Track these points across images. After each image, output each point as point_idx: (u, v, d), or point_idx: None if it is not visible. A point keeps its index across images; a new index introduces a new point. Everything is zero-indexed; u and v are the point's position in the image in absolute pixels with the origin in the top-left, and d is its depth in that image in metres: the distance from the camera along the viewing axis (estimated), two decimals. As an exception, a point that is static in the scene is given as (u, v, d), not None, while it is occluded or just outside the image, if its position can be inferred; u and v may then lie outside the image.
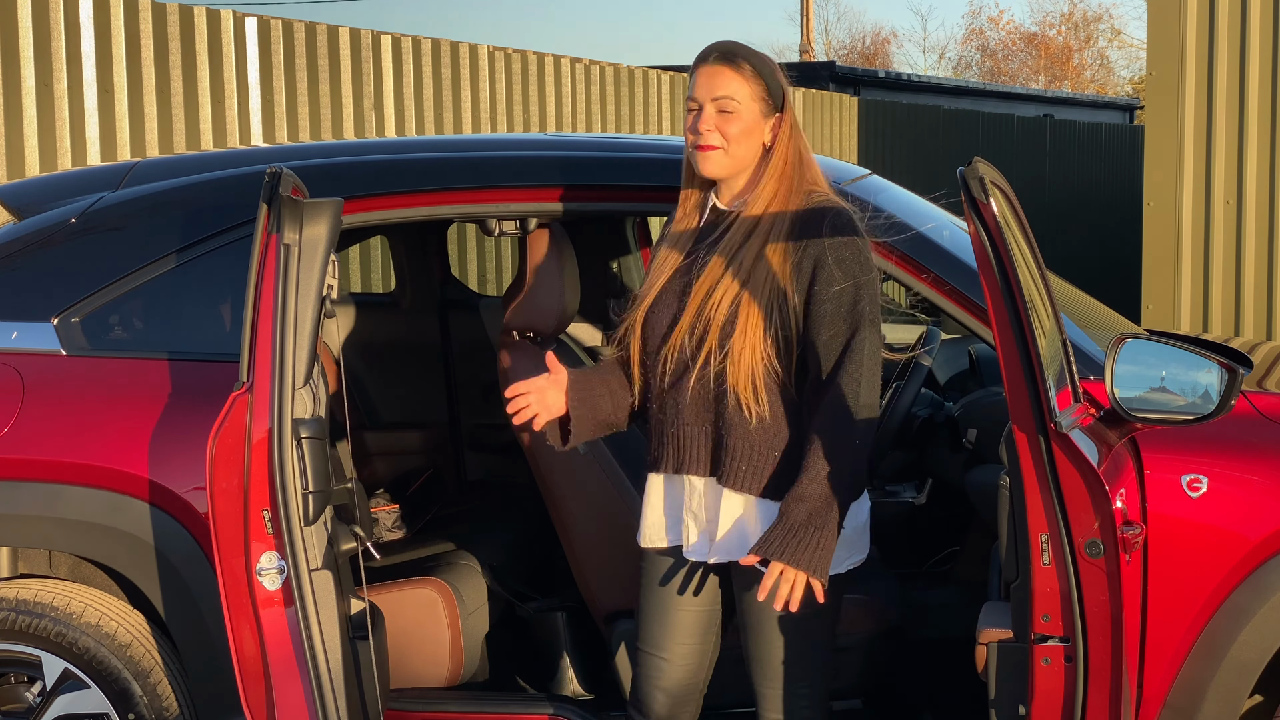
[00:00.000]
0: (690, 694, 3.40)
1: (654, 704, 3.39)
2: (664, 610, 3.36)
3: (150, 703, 3.76)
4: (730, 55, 3.23)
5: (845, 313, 3.15)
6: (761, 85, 3.24)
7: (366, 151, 4.21)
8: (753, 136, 3.23)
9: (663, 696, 3.38)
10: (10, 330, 3.84)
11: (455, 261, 8.11)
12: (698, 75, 3.24)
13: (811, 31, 35.49)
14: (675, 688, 3.38)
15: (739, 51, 3.25)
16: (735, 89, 3.21)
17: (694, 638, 3.37)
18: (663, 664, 3.37)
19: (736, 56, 3.23)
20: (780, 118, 3.27)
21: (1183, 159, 7.95)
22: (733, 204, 3.28)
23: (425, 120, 8.51)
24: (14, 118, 6.25)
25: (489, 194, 3.92)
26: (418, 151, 4.15)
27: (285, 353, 3.35)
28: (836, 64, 18.09)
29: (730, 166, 3.23)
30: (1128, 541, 3.24)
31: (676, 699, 3.39)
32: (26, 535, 3.78)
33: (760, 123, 3.24)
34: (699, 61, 3.26)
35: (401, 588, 4.04)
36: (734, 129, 3.21)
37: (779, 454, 3.18)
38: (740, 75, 3.22)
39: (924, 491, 4.85)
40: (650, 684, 3.39)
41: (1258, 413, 3.56)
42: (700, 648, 3.38)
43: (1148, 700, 3.48)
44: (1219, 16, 7.88)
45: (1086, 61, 51.73)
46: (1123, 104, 25.47)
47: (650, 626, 3.37)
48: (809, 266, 3.15)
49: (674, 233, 3.34)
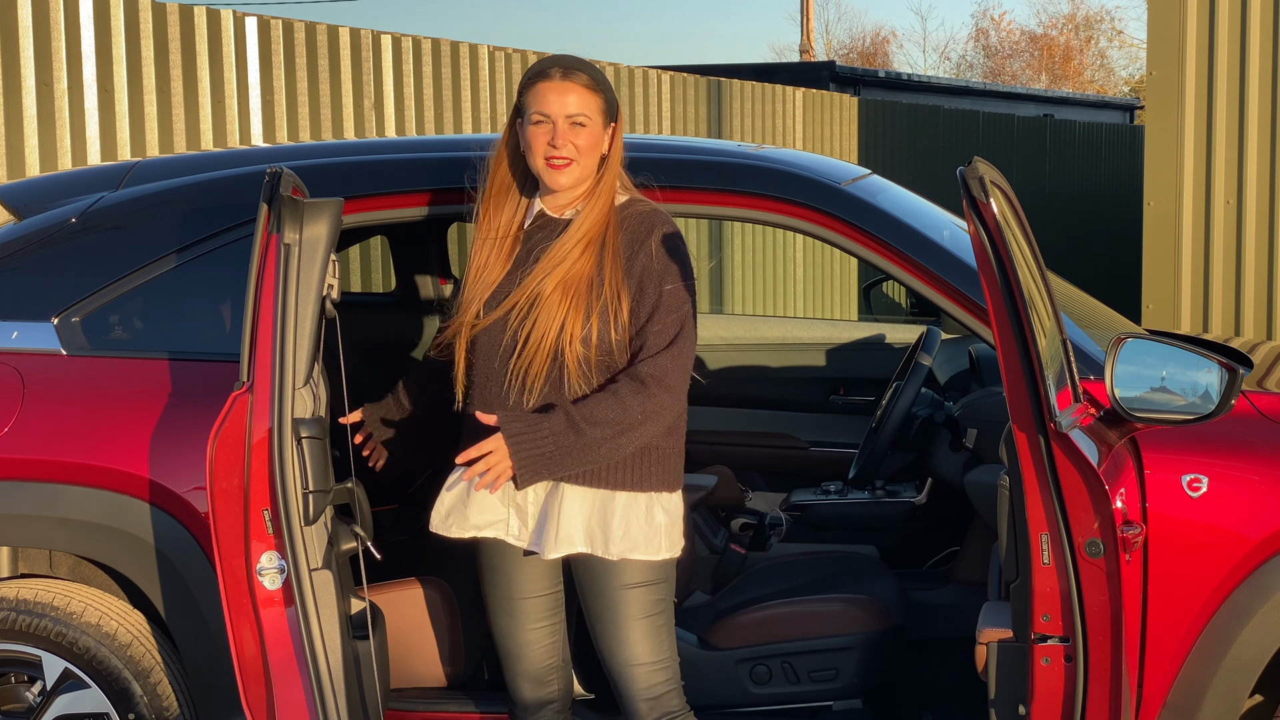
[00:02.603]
0: (550, 675, 3.55)
1: (520, 690, 3.55)
2: (508, 600, 3.49)
3: (150, 702, 3.76)
4: (573, 70, 3.36)
5: (675, 309, 3.29)
6: (602, 97, 3.38)
7: (366, 151, 4.21)
8: (597, 149, 3.38)
9: (525, 682, 3.53)
10: (10, 330, 3.84)
11: (455, 261, 8.10)
12: (543, 90, 3.35)
13: (812, 31, 35.47)
14: (535, 671, 3.53)
15: (580, 65, 3.38)
16: (586, 104, 3.34)
17: (540, 622, 3.51)
18: (517, 651, 3.51)
19: (579, 71, 3.37)
20: (615, 127, 3.41)
21: (1183, 159, 7.94)
22: (564, 211, 3.40)
23: (425, 120, 8.51)
24: (14, 117, 6.25)
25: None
26: (418, 151, 4.15)
27: (285, 352, 3.35)
28: (837, 64, 18.09)
29: (578, 179, 3.36)
30: (1128, 541, 3.24)
31: (539, 682, 3.54)
32: (27, 535, 3.78)
33: (603, 134, 3.38)
34: (538, 77, 3.37)
35: (401, 588, 4.04)
36: (584, 142, 3.34)
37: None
38: (587, 90, 3.36)
39: (924, 491, 4.85)
40: (510, 671, 3.54)
41: (1258, 412, 3.56)
42: (549, 629, 3.52)
43: (1148, 700, 3.48)
44: (1219, 16, 7.87)
45: (1087, 62, 51.73)
46: (1123, 104, 25.46)
47: (498, 617, 3.51)
48: (639, 269, 3.30)
49: (495, 237, 3.43)
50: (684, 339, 3.30)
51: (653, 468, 3.35)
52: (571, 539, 3.34)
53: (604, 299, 3.29)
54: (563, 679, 3.58)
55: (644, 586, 3.38)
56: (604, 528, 3.34)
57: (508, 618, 3.50)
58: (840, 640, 4.06)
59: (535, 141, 3.34)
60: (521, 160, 3.42)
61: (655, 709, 3.44)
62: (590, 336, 3.28)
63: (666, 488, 3.38)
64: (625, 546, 3.33)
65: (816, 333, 6.15)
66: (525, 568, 3.47)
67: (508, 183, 3.45)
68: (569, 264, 3.31)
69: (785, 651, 4.05)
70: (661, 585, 3.42)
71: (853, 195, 3.87)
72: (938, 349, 4.85)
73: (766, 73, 16.31)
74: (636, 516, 3.34)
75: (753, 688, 4.05)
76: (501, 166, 3.45)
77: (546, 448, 3.22)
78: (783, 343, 5.99)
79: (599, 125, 3.37)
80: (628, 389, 3.25)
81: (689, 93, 11.23)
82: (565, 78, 3.35)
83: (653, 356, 3.26)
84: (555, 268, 3.31)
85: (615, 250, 3.33)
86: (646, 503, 3.35)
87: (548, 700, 3.56)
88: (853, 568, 4.46)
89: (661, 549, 3.37)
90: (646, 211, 3.39)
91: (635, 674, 3.42)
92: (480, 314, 3.39)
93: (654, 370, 3.25)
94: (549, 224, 3.42)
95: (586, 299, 3.30)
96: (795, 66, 20.11)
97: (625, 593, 3.38)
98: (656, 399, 3.25)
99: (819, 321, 6.55)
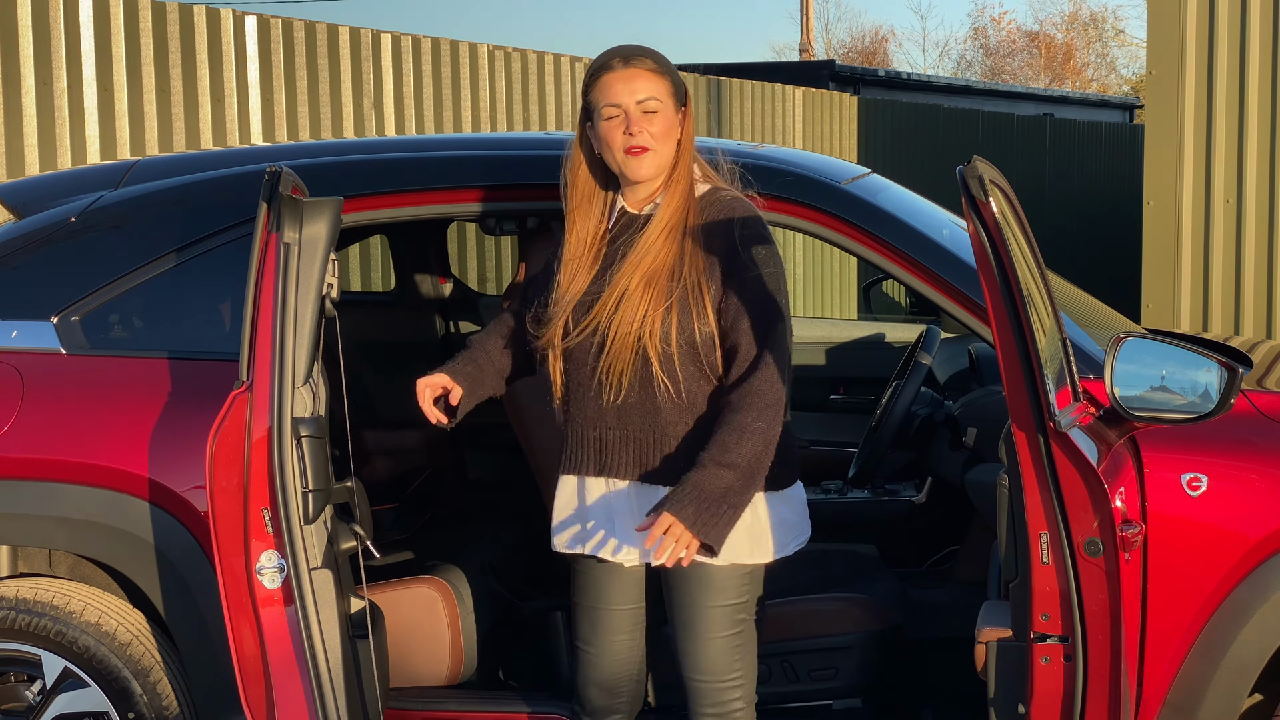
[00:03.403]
0: (622, 684, 3.49)
1: (588, 695, 3.49)
2: (593, 608, 3.44)
3: (150, 701, 3.76)
4: (635, 56, 3.28)
5: (768, 302, 3.21)
6: (670, 80, 3.30)
7: (366, 150, 4.21)
8: (673, 134, 3.29)
9: (595, 690, 3.48)
10: (10, 329, 3.84)
11: (455, 260, 8.10)
12: (609, 82, 3.25)
13: (811, 30, 35.47)
14: (607, 680, 3.47)
15: (640, 51, 3.30)
16: (655, 88, 3.26)
17: (622, 633, 3.45)
18: (593, 658, 3.45)
19: (641, 56, 3.28)
20: (686, 111, 3.33)
21: (1182, 158, 7.94)
22: (644, 207, 3.32)
23: (425, 119, 8.51)
24: (14, 116, 6.25)
25: (488, 193, 3.92)
26: (417, 150, 4.15)
27: (285, 352, 3.35)
28: (836, 63, 18.07)
29: (659, 166, 3.27)
30: (1127, 540, 3.24)
31: (609, 690, 3.48)
32: (27, 534, 3.78)
33: (675, 118, 3.30)
34: (601, 70, 3.28)
35: (401, 587, 4.04)
36: (659, 128, 3.25)
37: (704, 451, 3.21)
38: (653, 74, 3.27)
39: (924, 491, 4.85)
40: (583, 677, 3.49)
41: (1257, 411, 3.56)
42: (629, 641, 3.46)
43: (1147, 699, 3.48)
44: (1219, 16, 7.87)
45: (1088, 60, 51.72)
46: (1123, 103, 25.43)
47: (581, 623, 3.46)
48: (724, 261, 3.22)
49: (580, 237, 3.34)
50: (781, 329, 3.21)
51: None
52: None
53: (684, 288, 3.21)
54: (632, 691, 3.51)
55: (728, 606, 3.30)
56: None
57: (590, 625, 3.43)
58: (840, 639, 4.06)
59: (611, 136, 3.25)
60: (599, 164, 3.32)
61: None
62: (671, 330, 3.19)
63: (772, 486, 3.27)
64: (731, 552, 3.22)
65: (816, 332, 6.15)
66: (615, 578, 3.40)
67: (590, 189, 3.34)
68: (652, 256, 3.22)
69: (785, 650, 4.04)
70: (745, 604, 3.33)
71: (852, 194, 3.87)
72: (937, 348, 4.85)
73: (766, 72, 16.30)
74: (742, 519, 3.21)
75: (752, 687, 4.04)
76: (580, 174, 3.34)
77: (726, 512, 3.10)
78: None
79: (670, 109, 3.27)
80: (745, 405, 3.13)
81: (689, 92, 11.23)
82: (628, 65, 3.26)
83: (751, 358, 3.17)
84: (640, 262, 3.23)
85: (695, 237, 3.24)
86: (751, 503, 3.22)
87: (614, 710, 3.50)
88: (852, 566, 4.46)
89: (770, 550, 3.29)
90: (729, 199, 3.30)
91: (706, 688, 3.36)
92: (570, 323, 3.29)
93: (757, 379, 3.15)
94: (631, 221, 3.33)
95: (667, 290, 3.21)
96: (795, 65, 20.10)
97: (709, 610, 3.31)
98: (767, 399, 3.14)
99: (819, 320, 6.55)
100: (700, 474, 3.10)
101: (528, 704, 3.87)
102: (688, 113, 3.32)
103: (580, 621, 3.46)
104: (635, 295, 3.21)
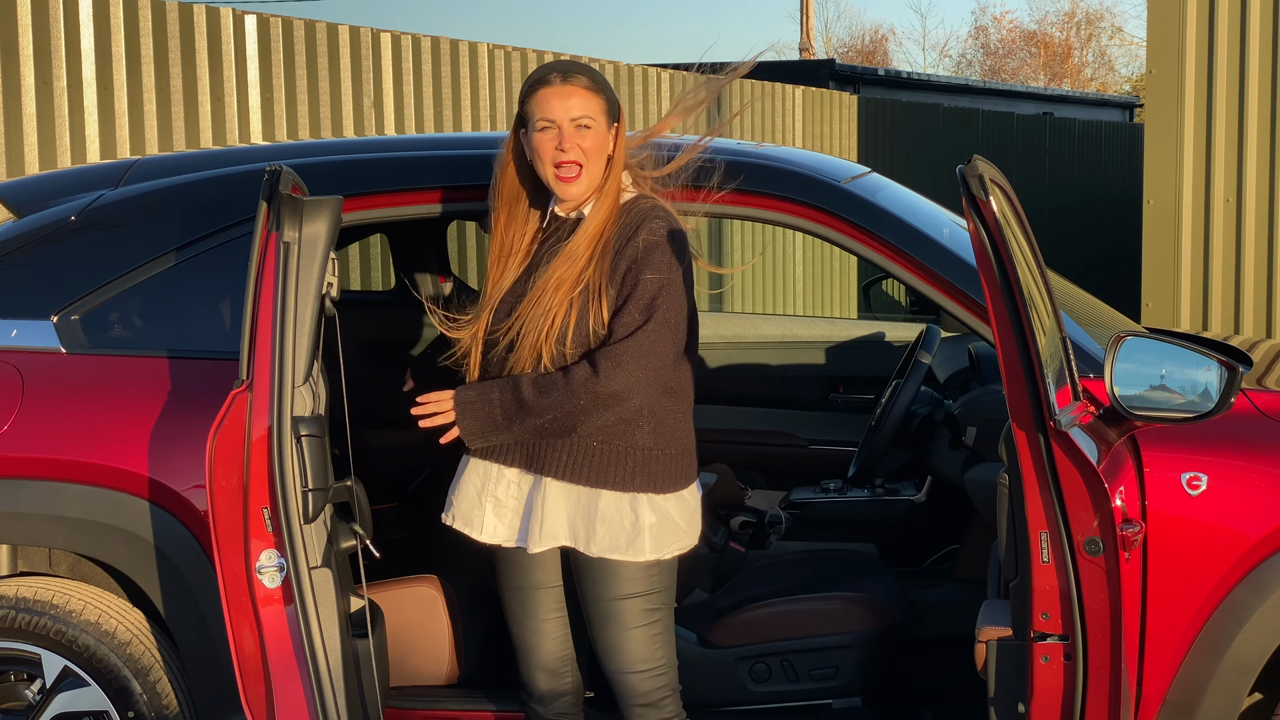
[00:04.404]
0: (564, 665, 3.56)
1: (535, 681, 3.56)
2: (519, 590, 3.52)
3: (150, 700, 3.76)
4: (573, 74, 3.37)
5: (645, 299, 3.29)
6: (604, 98, 3.39)
7: (366, 149, 4.21)
8: (604, 150, 3.39)
9: (539, 673, 3.55)
10: (10, 328, 3.84)
11: (455, 260, 8.10)
12: (546, 96, 3.35)
13: (811, 29, 35.47)
14: (547, 662, 3.54)
15: (579, 69, 3.39)
16: (589, 106, 3.36)
17: (550, 612, 3.53)
18: (530, 640, 3.54)
19: (579, 74, 3.37)
20: (618, 127, 3.42)
21: (1182, 157, 7.94)
22: (571, 212, 3.42)
23: (425, 118, 8.50)
24: (13, 115, 6.25)
25: (488, 192, 3.91)
26: (417, 150, 4.15)
27: (285, 351, 3.35)
28: (836, 62, 18.07)
29: (590, 184, 3.37)
30: (1127, 539, 3.24)
31: (552, 673, 3.55)
32: (26, 533, 3.78)
33: (607, 135, 3.39)
34: (538, 84, 3.38)
35: (401, 586, 4.04)
36: (590, 144, 3.35)
37: (597, 443, 3.34)
38: (589, 92, 3.37)
39: (924, 490, 4.85)
40: (525, 663, 3.56)
41: (1257, 411, 3.56)
42: (559, 620, 3.54)
43: (1147, 698, 3.48)
44: (1219, 15, 7.87)
45: (1086, 60, 51.71)
46: (1122, 102, 25.44)
47: (512, 608, 3.55)
48: (627, 260, 3.31)
49: (510, 238, 3.46)
50: (650, 331, 3.28)
51: (636, 469, 3.36)
52: (555, 532, 3.38)
53: (586, 291, 3.31)
54: (576, 671, 3.59)
55: (637, 597, 3.39)
56: (587, 524, 3.37)
57: (520, 608, 3.53)
58: (840, 638, 4.06)
59: (543, 147, 3.35)
60: (528, 168, 3.43)
61: (651, 714, 3.44)
62: (568, 332, 3.29)
63: (654, 489, 3.38)
64: (606, 545, 3.35)
65: (816, 331, 6.15)
66: (535, 559, 3.48)
67: (516, 192, 3.46)
68: (569, 264, 3.33)
69: (785, 649, 4.05)
70: (656, 595, 3.42)
71: (852, 193, 3.86)
72: (937, 347, 4.85)
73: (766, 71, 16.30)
74: (620, 516, 3.35)
75: (752, 686, 4.05)
76: (508, 175, 3.46)
77: (494, 415, 3.31)
78: (782, 341, 5.99)
79: (603, 126, 3.38)
80: (581, 372, 3.27)
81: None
82: (566, 81, 3.36)
83: (618, 343, 3.28)
84: (557, 268, 3.33)
85: (607, 244, 3.34)
86: (631, 503, 3.36)
87: (562, 692, 3.57)
88: (852, 566, 4.46)
89: (645, 550, 3.36)
90: (646, 207, 3.39)
91: (630, 680, 3.43)
92: (490, 322, 3.41)
93: (607, 356, 3.26)
94: (560, 226, 3.44)
95: (573, 294, 3.31)
96: (795, 65, 20.08)
97: (617, 604, 3.39)
98: (604, 385, 3.26)
99: (818, 319, 6.55)
100: (501, 386, 3.32)
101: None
102: (620, 129, 3.42)
103: (511, 606, 3.55)
104: (545, 300, 3.32)
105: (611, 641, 3.42)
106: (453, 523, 3.53)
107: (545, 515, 3.38)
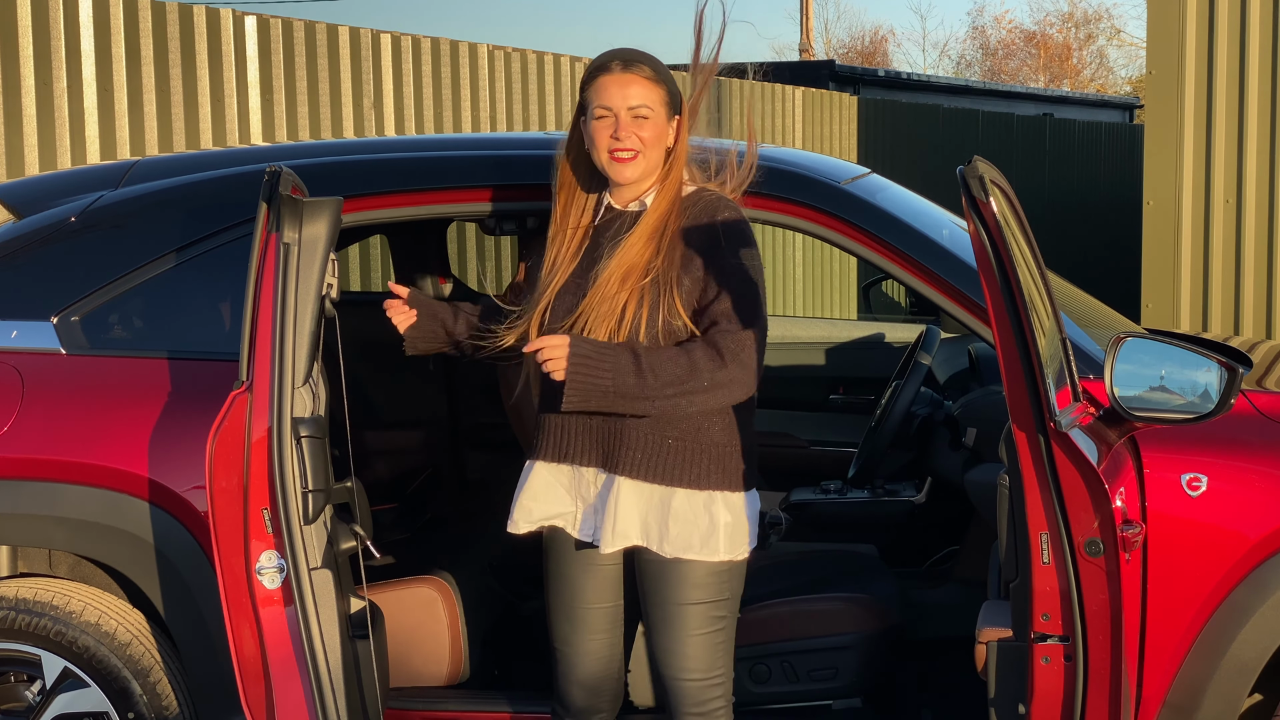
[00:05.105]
0: (604, 683, 3.49)
1: (570, 695, 3.49)
2: (570, 607, 3.44)
3: (150, 701, 3.76)
4: (634, 62, 3.34)
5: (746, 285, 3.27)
6: (665, 89, 3.35)
7: (366, 150, 4.21)
8: (662, 141, 3.35)
9: (576, 688, 3.47)
10: (10, 329, 3.84)
11: (455, 260, 8.10)
12: (605, 84, 3.32)
13: (811, 30, 35.46)
14: (588, 679, 3.47)
15: (642, 57, 3.35)
16: (648, 96, 3.32)
17: (600, 632, 3.45)
18: (573, 658, 3.45)
19: (641, 63, 3.34)
20: (679, 119, 3.38)
21: (1182, 158, 7.94)
22: (630, 204, 3.38)
23: (425, 119, 8.50)
24: (13, 116, 6.25)
25: (488, 193, 3.92)
26: (417, 150, 4.15)
27: (285, 352, 3.35)
28: (836, 63, 18.08)
29: (646, 171, 3.33)
30: (1127, 540, 3.24)
31: (591, 690, 3.48)
32: (26, 534, 3.78)
33: (666, 126, 3.35)
34: (599, 71, 3.34)
35: (401, 587, 4.04)
36: (648, 134, 3.31)
37: (672, 440, 3.28)
38: (649, 82, 3.33)
39: (924, 491, 4.85)
40: (564, 678, 3.48)
41: (1257, 412, 3.56)
42: (608, 639, 3.46)
43: (1147, 699, 3.48)
44: (1219, 16, 7.87)
45: (1086, 60, 51.72)
46: (1122, 103, 25.44)
47: (559, 623, 3.46)
48: (704, 254, 3.27)
49: (567, 230, 3.42)
50: (760, 317, 3.26)
51: (711, 465, 3.31)
52: (628, 532, 3.31)
53: (656, 284, 3.26)
54: (613, 689, 3.52)
55: (704, 604, 3.33)
56: (661, 523, 3.30)
57: (569, 624, 3.45)
58: (840, 639, 4.06)
59: (598, 136, 3.32)
60: (587, 157, 3.38)
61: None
62: (641, 324, 3.24)
63: (729, 486, 3.33)
64: (680, 545, 3.29)
65: (816, 331, 6.15)
66: (591, 576, 3.42)
67: (574, 180, 3.42)
68: (633, 255, 3.28)
69: (785, 650, 4.04)
70: (723, 602, 3.35)
71: (852, 194, 3.87)
72: (937, 348, 4.85)
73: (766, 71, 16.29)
74: (695, 515, 3.29)
75: (752, 686, 4.05)
76: (567, 164, 3.43)
77: (605, 382, 3.21)
78: (782, 341, 5.99)
79: (662, 117, 3.34)
80: (703, 354, 3.21)
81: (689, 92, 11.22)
82: (626, 69, 3.32)
83: (733, 331, 3.22)
84: (622, 261, 3.28)
85: (676, 236, 3.29)
86: (706, 501, 3.30)
87: (597, 709, 3.50)
88: (852, 567, 4.46)
89: (719, 550, 3.30)
90: (712, 198, 3.35)
91: (686, 687, 3.36)
92: (549, 311, 3.36)
93: (732, 343, 3.21)
94: (617, 218, 3.39)
95: (642, 286, 3.26)
96: (795, 65, 20.09)
97: (684, 608, 3.32)
98: (728, 371, 3.21)
99: (818, 320, 6.55)
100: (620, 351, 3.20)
101: (527, 704, 3.87)
102: (681, 121, 3.37)
103: (558, 622, 3.46)
104: (611, 292, 3.27)
105: (672, 646, 3.35)
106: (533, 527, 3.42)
107: (619, 515, 3.30)
